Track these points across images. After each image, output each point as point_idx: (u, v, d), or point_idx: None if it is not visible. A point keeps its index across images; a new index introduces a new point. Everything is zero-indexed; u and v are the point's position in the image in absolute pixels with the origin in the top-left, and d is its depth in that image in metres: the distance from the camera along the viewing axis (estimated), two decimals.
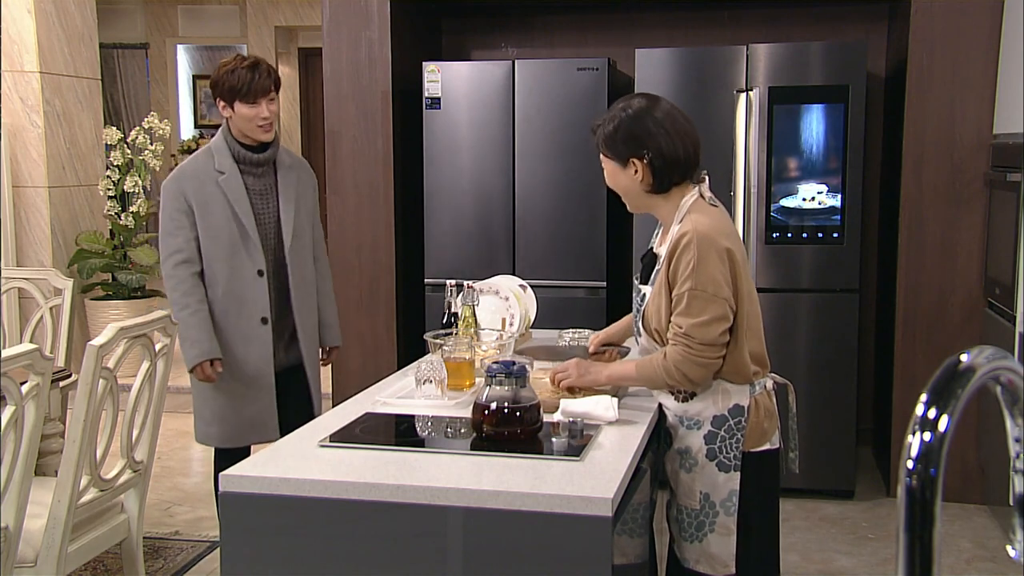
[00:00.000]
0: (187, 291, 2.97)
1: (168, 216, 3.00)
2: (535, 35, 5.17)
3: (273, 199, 3.10)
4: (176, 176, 3.03)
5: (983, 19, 4.08)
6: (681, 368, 2.13)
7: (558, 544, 1.73)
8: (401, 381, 2.56)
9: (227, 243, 2.99)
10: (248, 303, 3.03)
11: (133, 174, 6.01)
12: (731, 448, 2.21)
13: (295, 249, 3.11)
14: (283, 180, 3.13)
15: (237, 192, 3.01)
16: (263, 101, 2.97)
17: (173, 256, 2.98)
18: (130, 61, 11.69)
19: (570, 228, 4.43)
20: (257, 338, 3.05)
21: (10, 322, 5.27)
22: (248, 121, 2.99)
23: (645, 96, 2.29)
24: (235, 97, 2.96)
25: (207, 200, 2.99)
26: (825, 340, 4.24)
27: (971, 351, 0.83)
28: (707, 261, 2.11)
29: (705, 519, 2.23)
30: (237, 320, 3.03)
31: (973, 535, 3.87)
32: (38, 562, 2.60)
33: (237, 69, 2.96)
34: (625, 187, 2.27)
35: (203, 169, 3.02)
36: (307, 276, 3.19)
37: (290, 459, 1.95)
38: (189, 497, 4.36)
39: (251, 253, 3.02)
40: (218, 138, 3.07)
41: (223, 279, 3.00)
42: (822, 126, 4.16)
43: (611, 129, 2.23)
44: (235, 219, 3.00)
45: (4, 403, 2.33)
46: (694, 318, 2.10)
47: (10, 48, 5.55)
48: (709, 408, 2.21)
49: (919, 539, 0.76)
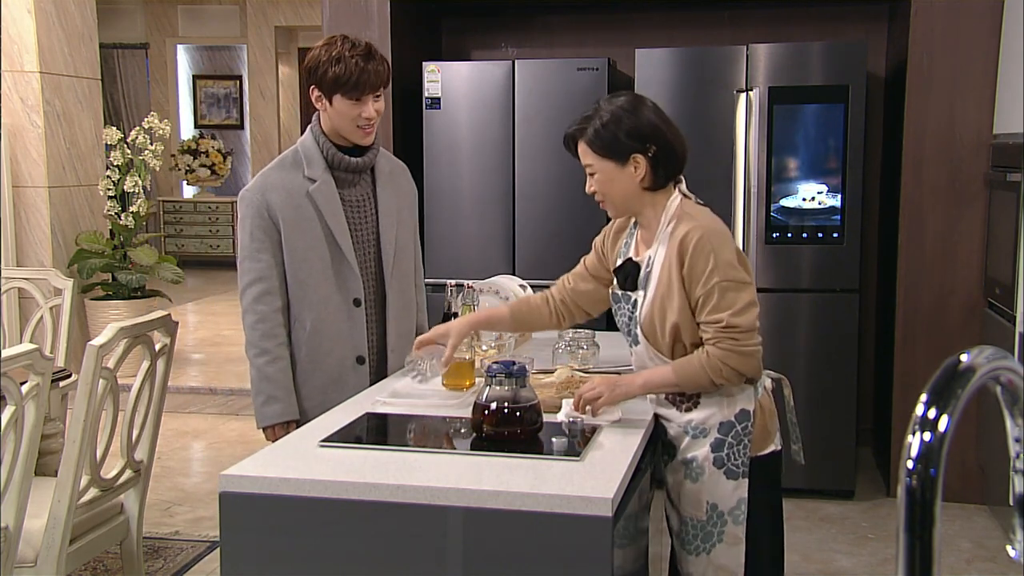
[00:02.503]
0: (268, 332, 2.50)
1: (249, 234, 2.51)
2: (535, 35, 5.17)
3: (371, 213, 2.62)
4: (259, 186, 2.53)
5: (983, 19, 4.08)
6: (728, 363, 2.06)
7: (558, 544, 1.73)
8: (401, 381, 2.56)
9: (318, 268, 2.51)
10: (342, 340, 2.55)
11: (133, 174, 6.01)
12: (739, 455, 2.15)
13: (397, 273, 2.64)
14: (383, 190, 2.64)
15: (331, 205, 2.52)
16: (370, 98, 2.48)
17: (254, 286, 2.50)
18: (130, 61, 11.69)
19: (570, 228, 4.43)
20: (352, 381, 2.56)
21: (10, 322, 5.27)
22: (348, 120, 2.49)
23: (627, 92, 2.22)
24: (337, 90, 2.45)
25: (297, 215, 2.50)
26: (825, 340, 4.23)
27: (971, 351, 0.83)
28: (725, 251, 2.07)
29: (713, 529, 2.16)
30: (327, 360, 2.55)
31: (973, 535, 3.87)
32: (38, 562, 2.60)
33: (346, 57, 2.44)
34: (621, 189, 2.16)
35: (291, 176, 2.53)
36: (409, 305, 2.71)
37: (290, 459, 1.95)
38: (189, 497, 4.36)
39: (346, 279, 2.54)
40: (307, 137, 2.58)
41: (312, 313, 2.52)
42: (822, 126, 4.16)
43: (608, 127, 2.12)
44: (329, 238, 2.52)
45: (4, 403, 2.33)
46: (730, 308, 2.05)
47: (10, 48, 5.55)
48: (715, 415, 2.15)
49: (919, 539, 0.76)
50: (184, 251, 11.09)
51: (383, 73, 2.49)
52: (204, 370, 6.48)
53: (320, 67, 2.45)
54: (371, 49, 2.49)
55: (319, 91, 2.49)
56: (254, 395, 2.54)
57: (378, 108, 2.50)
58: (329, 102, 2.48)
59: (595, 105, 2.18)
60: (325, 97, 2.49)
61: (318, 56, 2.47)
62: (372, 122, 2.51)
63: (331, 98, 2.47)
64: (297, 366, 2.55)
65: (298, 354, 2.55)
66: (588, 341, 2.69)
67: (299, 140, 2.60)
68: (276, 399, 2.50)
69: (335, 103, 2.48)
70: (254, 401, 2.54)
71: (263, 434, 2.56)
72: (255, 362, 2.51)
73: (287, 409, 2.51)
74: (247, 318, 2.53)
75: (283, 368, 2.51)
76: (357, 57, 2.44)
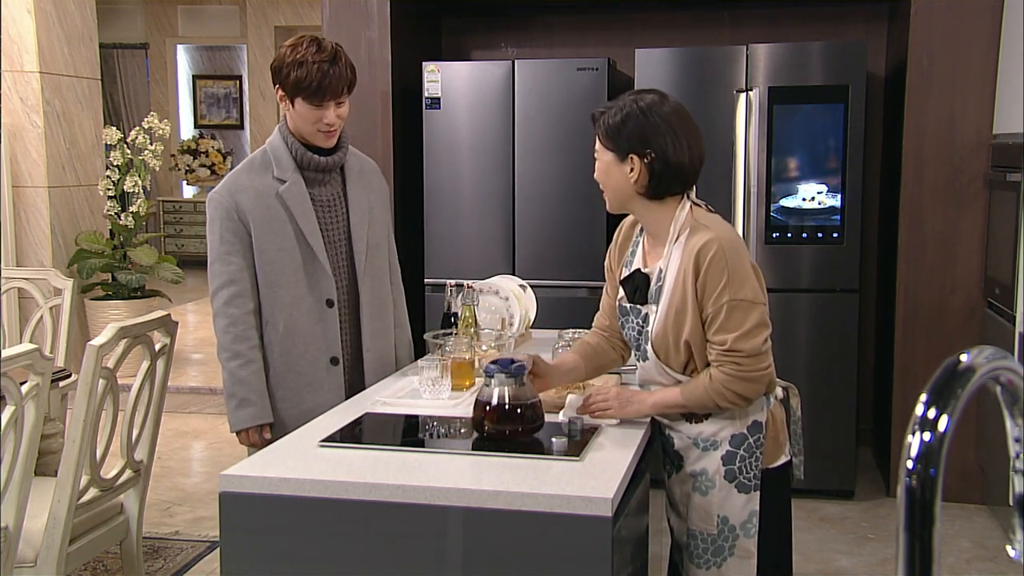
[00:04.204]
0: (239, 335, 2.48)
1: (218, 237, 2.48)
2: (535, 35, 5.17)
3: (342, 212, 2.60)
4: (228, 187, 2.51)
5: (983, 19, 4.08)
6: (731, 388, 2.00)
7: (558, 544, 1.73)
8: (401, 381, 2.56)
9: (290, 269, 2.49)
10: (315, 341, 2.52)
11: (133, 174, 6.01)
12: (751, 467, 2.10)
13: (370, 271, 2.62)
14: (353, 188, 2.62)
15: (301, 205, 2.50)
16: (331, 104, 2.46)
17: (225, 289, 2.48)
18: (130, 61, 11.69)
19: (570, 228, 4.43)
20: (326, 383, 2.54)
21: (10, 322, 5.27)
22: (309, 124, 2.48)
23: (658, 92, 2.13)
24: (298, 93, 2.43)
25: (267, 217, 2.48)
26: (825, 340, 4.24)
27: (971, 351, 0.83)
28: (741, 269, 2.00)
29: (724, 543, 2.11)
30: (300, 362, 2.52)
31: (973, 535, 3.87)
32: (38, 562, 2.60)
33: (308, 62, 2.41)
34: (616, 183, 2.11)
35: (260, 178, 2.50)
36: (383, 304, 2.68)
37: (290, 459, 1.95)
38: (189, 497, 4.36)
39: (319, 280, 2.52)
40: (275, 137, 2.55)
41: (284, 314, 2.50)
42: (822, 126, 4.16)
43: (618, 119, 2.07)
44: (300, 239, 2.49)
45: (4, 403, 2.33)
46: (736, 330, 1.98)
47: (10, 48, 5.55)
48: (727, 428, 2.10)
49: (919, 539, 0.76)
50: (184, 251, 11.08)
51: (346, 79, 2.46)
52: (204, 370, 6.48)
53: (283, 68, 2.44)
54: (337, 54, 2.45)
55: (282, 91, 2.47)
56: (227, 399, 2.51)
57: (340, 113, 2.48)
58: (291, 104, 2.47)
59: (625, 96, 2.13)
60: (288, 98, 2.47)
61: (283, 57, 2.45)
62: (333, 127, 2.49)
63: (293, 100, 2.46)
64: (270, 368, 2.53)
65: (271, 356, 2.52)
66: None
67: (267, 140, 2.57)
68: (249, 402, 2.48)
69: (296, 106, 2.46)
70: (227, 405, 2.52)
71: (237, 438, 2.54)
72: (227, 366, 2.49)
73: (260, 412, 2.49)
74: (218, 322, 2.50)
75: (256, 371, 2.49)
76: (320, 62, 2.41)
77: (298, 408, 2.49)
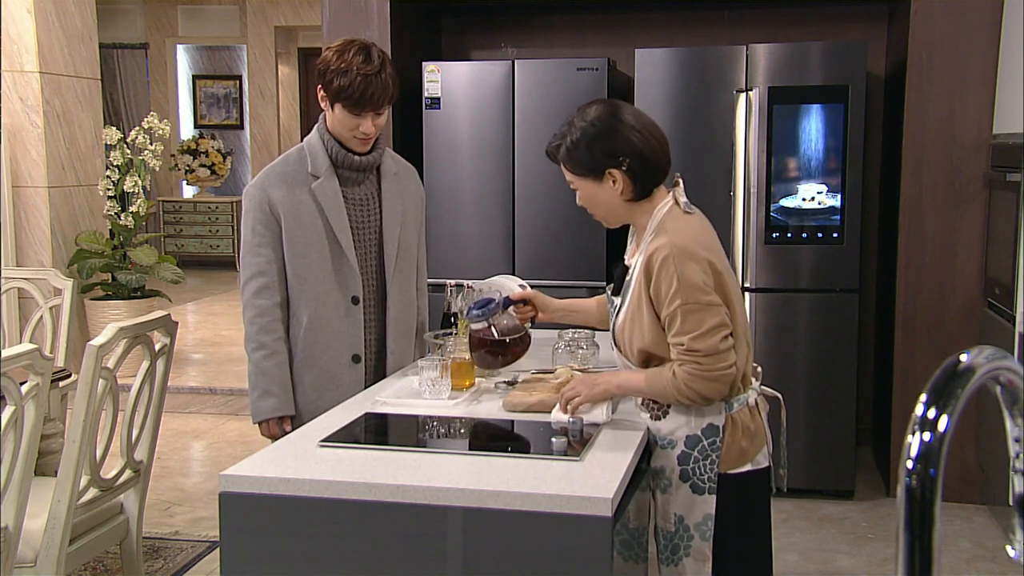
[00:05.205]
0: (265, 327, 2.51)
1: (251, 229, 2.53)
2: (535, 35, 5.17)
3: (375, 212, 2.63)
4: (262, 181, 2.55)
5: (983, 19, 4.08)
6: (692, 386, 2.00)
7: (558, 544, 1.73)
8: (401, 381, 2.56)
9: (317, 263, 2.52)
10: (338, 337, 2.55)
11: (133, 174, 6.01)
12: (705, 469, 2.08)
13: (399, 273, 2.64)
14: (388, 190, 2.64)
15: (333, 201, 2.54)
16: (370, 115, 2.49)
17: (255, 280, 2.52)
18: (130, 61, 11.69)
19: (570, 228, 4.43)
20: (347, 380, 2.57)
21: (10, 322, 5.27)
22: (346, 130, 2.51)
23: (602, 102, 2.14)
24: (339, 100, 2.47)
25: (298, 210, 2.51)
26: (825, 340, 4.24)
27: (971, 351, 0.83)
28: (688, 272, 1.99)
29: (680, 543, 2.12)
30: (323, 357, 2.55)
31: (973, 535, 3.87)
32: (38, 562, 2.60)
33: (353, 71, 2.42)
34: (606, 203, 2.13)
35: (294, 172, 2.55)
36: (410, 306, 2.70)
37: (290, 459, 1.95)
38: (189, 497, 4.36)
39: (345, 276, 2.55)
40: (313, 135, 2.60)
41: (309, 308, 2.53)
42: (822, 126, 4.16)
43: (580, 145, 2.08)
44: (329, 234, 2.53)
45: (4, 403, 2.33)
46: (692, 332, 1.98)
47: (10, 48, 5.55)
48: (682, 428, 2.10)
49: (919, 539, 0.76)
50: (184, 251, 11.08)
51: (388, 93, 2.48)
52: (204, 370, 6.47)
53: (328, 72, 2.46)
54: (383, 66, 2.47)
55: (324, 93, 2.50)
56: (251, 389, 2.55)
57: (378, 124, 2.50)
58: (331, 108, 2.51)
59: (569, 120, 2.13)
60: (328, 101, 2.51)
61: (328, 60, 2.47)
62: (369, 136, 2.53)
63: (333, 105, 2.50)
64: (293, 362, 2.57)
65: (294, 349, 2.56)
66: (588, 341, 2.69)
67: (305, 139, 2.61)
68: (271, 394, 2.51)
69: (336, 110, 2.50)
70: (250, 395, 2.56)
71: (258, 429, 2.58)
72: (252, 356, 2.53)
73: (281, 404, 2.52)
74: (246, 312, 2.54)
75: (280, 363, 2.53)
76: (365, 74, 2.42)
77: (317, 403, 2.51)
